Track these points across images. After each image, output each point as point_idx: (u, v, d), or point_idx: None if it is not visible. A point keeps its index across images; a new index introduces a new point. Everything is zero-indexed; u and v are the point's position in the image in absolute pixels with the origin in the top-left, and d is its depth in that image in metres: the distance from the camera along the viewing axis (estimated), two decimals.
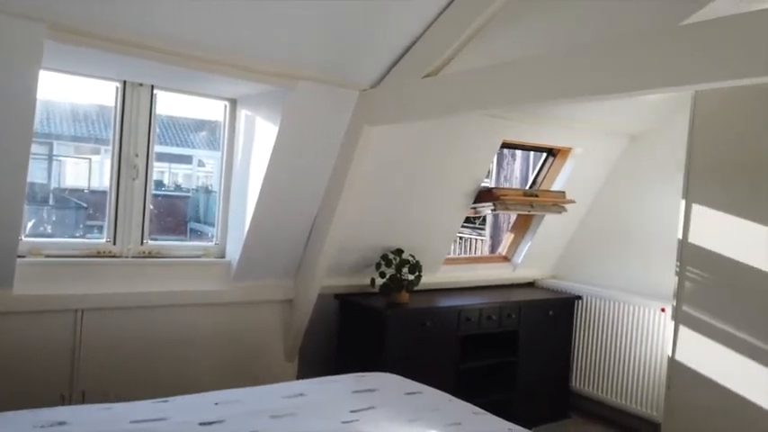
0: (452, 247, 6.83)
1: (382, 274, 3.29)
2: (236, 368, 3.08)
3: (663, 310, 3.40)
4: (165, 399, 1.98)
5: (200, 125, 3.40)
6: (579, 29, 2.66)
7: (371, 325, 3.15)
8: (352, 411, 1.99)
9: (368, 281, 3.36)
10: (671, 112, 3.52)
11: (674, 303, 3.02)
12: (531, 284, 4.19)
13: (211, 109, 3.11)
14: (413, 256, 3.37)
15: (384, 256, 3.32)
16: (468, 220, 5.00)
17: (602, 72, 1.82)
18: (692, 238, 2.98)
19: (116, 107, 2.75)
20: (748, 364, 2.73)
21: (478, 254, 6.55)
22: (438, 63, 2.46)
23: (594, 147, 3.77)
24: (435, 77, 2.45)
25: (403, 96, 2.55)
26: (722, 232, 2.86)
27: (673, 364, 3.02)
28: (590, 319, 3.83)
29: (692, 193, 2.99)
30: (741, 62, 1.72)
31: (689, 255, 2.98)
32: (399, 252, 3.35)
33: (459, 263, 4.11)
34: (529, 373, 3.60)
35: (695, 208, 2.98)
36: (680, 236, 3.02)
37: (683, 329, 2.99)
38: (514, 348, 3.56)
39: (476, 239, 7.02)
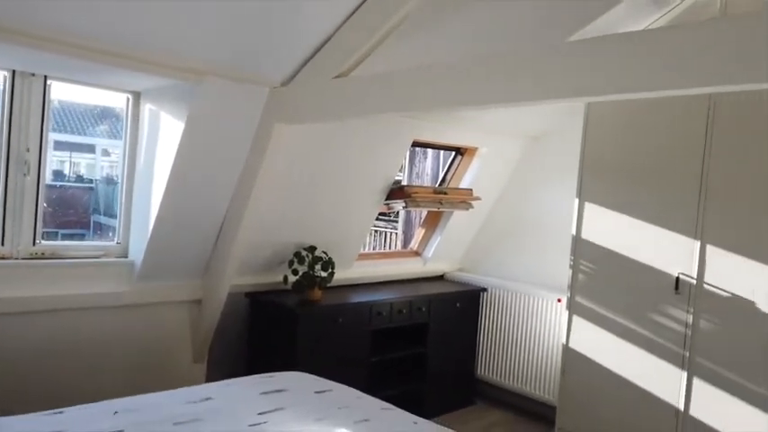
0: (368, 241, 6.90)
1: (295, 272, 3.29)
2: (141, 373, 2.98)
3: (559, 300, 3.64)
4: (59, 410, 1.89)
5: (103, 113, 3.22)
6: (484, 39, 2.77)
7: (284, 323, 3.14)
8: (259, 414, 1.99)
9: (280, 278, 3.34)
10: (568, 117, 3.74)
11: (569, 294, 3.25)
12: (440, 278, 4.34)
13: (114, 98, 2.95)
14: (326, 253, 3.39)
15: (297, 254, 3.32)
16: (384, 213, 5.07)
17: (503, 82, 1.92)
18: (584, 234, 3.22)
19: (3, 98, 2.55)
20: (631, 349, 3.00)
21: (394, 247, 6.67)
22: (349, 64, 2.48)
23: (499, 147, 3.96)
24: (346, 78, 2.48)
25: (314, 96, 2.55)
26: (610, 229, 3.11)
27: (567, 351, 3.26)
28: (494, 310, 4.03)
29: (584, 193, 3.22)
30: (627, 77, 1.88)
31: (581, 249, 3.22)
32: (312, 249, 3.36)
33: (372, 258, 4.17)
34: (438, 364, 3.75)
35: (587, 206, 3.21)
36: (574, 232, 3.25)
37: (575, 319, 3.23)
38: (424, 340, 3.68)
39: (391, 233, 7.14)
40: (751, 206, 2.64)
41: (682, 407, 2.81)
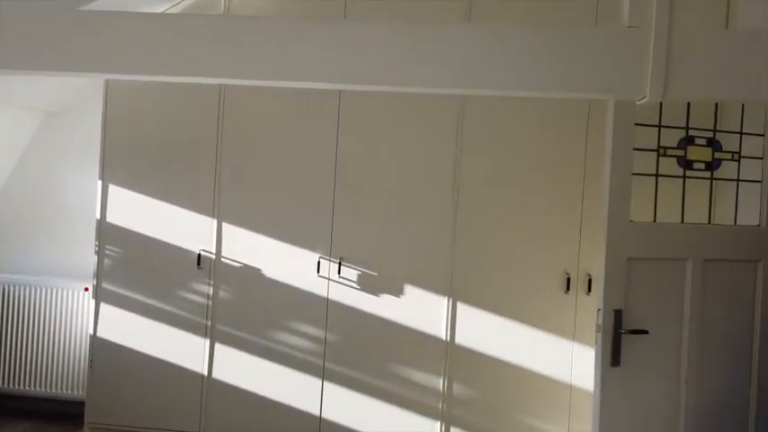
0: None
1: None
2: None
3: (86, 289, 3.41)
4: None
5: None
6: None
7: None
8: None
9: None
10: (88, 92, 3.49)
11: (95, 282, 3.09)
12: None
13: None
14: None
15: None
16: None
17: None
18: (110, 218, 3.10)
19: None
20: (160, 328, 3.08)
21: None
22: None
23: (6, 119, 3.39)
24: None
25: None
26: (135, 211, 3.09)
27: (95, 341, 3.10)
28: (9, 312, 3.47)
29: (107, 175, 3.10)
30: (143, 59, 1.89)
31: (107, 234, 3.10)
32: None
33: None
34: None
35: (112, 189, 3.10)
36: (98, 216, 3.09)
37: (103, 306, 3.10)
38: None
39: None
40: (259, 187, 3.06)
41: (206, 372, 3.07)
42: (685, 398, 2.31)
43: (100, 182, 3.09)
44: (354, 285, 3.03)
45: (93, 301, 3.11)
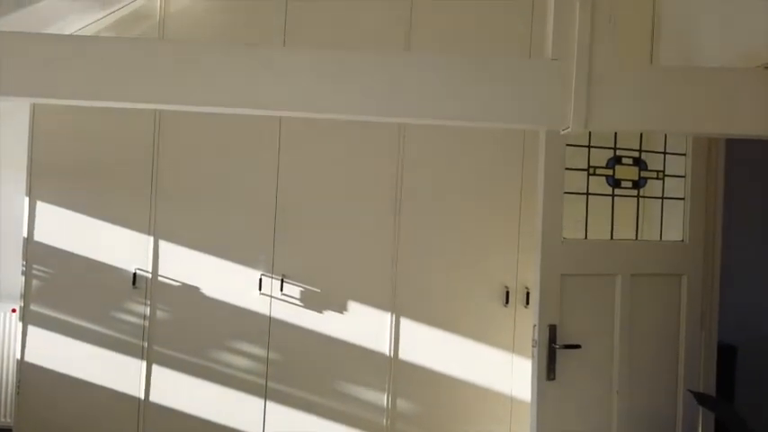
0: None
1: None
2: None
3: (14, 310, 3.25)
4: None
5: None
6: None
7: None
8: None
9: None
10: (14, 104, 3.32)
11: (22, 303, 2.95)
12: None
13: None
14: None
15: None
16: None
17: None
18: (38, 237, 2.96)
19: None
20: (94, 351, 2.95)
21: None
22: None
23: None
24: None
25: None
26: (67, 230, 2.96)
27: (23, 366, 2.95)
28: None
29: (35, 192, 2.96)
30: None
31: (35, 253, 2.96)
32: None
33: None
34: None
35: (40, 206, 2.96)
36: (25, 234, 2.95)
37: (32, 329, 2.96)
38: None
39: None
40: (198, 204, 2.98)
41: (143, 395, 2.96)
42: (617, 408, 2.39)
43: (27, 198, 2.95)
44: (297, 302, 2.99)
45: (20, 324, 2.96)
